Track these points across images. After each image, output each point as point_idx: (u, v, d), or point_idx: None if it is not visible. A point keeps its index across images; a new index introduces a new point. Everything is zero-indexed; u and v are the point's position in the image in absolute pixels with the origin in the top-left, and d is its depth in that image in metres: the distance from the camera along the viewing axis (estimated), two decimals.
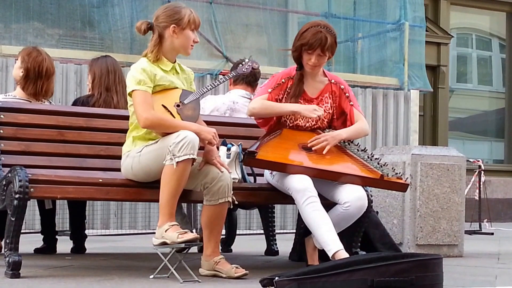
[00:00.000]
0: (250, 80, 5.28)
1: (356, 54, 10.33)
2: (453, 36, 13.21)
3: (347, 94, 4.21)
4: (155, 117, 3.72)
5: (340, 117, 4.22)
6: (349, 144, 4.15)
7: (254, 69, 4.40)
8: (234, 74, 4.46)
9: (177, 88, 3.88)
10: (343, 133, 4.10)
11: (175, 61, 3.95)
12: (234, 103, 5.22)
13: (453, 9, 13.37)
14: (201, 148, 3.78)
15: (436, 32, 12.78)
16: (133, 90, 3.77)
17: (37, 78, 4.77)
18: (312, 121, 4.14)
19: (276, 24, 9.83)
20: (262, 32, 9.62)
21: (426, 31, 11.01)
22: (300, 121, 4.12)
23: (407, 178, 4.28)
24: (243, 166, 4.18)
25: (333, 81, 4.22)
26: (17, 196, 3.56)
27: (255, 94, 4.26)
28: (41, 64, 4.77)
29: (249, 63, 4.26)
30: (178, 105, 3.81)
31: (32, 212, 6.33)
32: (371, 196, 4.31)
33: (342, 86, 4.22)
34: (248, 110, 4.15)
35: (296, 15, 10.28)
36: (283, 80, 4.13)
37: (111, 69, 5.02)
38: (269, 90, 4.10)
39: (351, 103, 4.20)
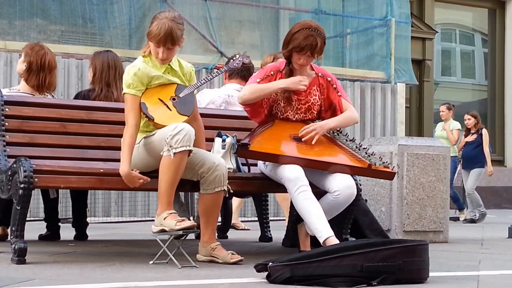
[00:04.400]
0: (244, 74, 5.36)
1: (345, 49, 10.44)
2: (437, 32, 13.35)
3: (334, 86, 4.26)
4: (125, 132, 3.82)
5: (328, 109, 4.27)
6: (338, 134, 4.22)
7: (245, 64, 4.46)
8: (226, 69, 4.56)
9: (173, 82, 3.95)
10: (331, 122, 4.16)
11: (169, 61, 3.95)
12: (229, 96, 5.30)
13: (437, 6, 13.49)
14: (208, 140, 3.84)
15: (421, 27, 12.90)
16: (123, 93, 3.89)
17: (40, 70, 4.83)
18: (302, 113, 4.20)
19: (268, 20, 9.92)
20: (254, 28, 9.70)
21: (412, 26, 11.14)
22: (290, 113, 4.18)
23: (393, 167, 4.36)
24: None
25: (320, 74, 4.28)
26: (22, 185, 3.62)
27: (247, 84, 4.29)
28: (43, 57, 4.84)
29: (239, 58, 4.33)
30: (173, 99, 3.89)
31: (37, 201, 6.36)
32: (360, 184, 4.38)
33: (329, 79, 4.28)
34: (239, 98, 4.18)
35: (287, 12, 10.37)
36: (272, 73, 4.18)
37: (111, 64, 5.05)
38: (258, 80, 4.15)
39: (339, 93, 4.26)
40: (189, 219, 4.17)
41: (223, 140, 4.17)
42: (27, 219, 3.84)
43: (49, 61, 4.87)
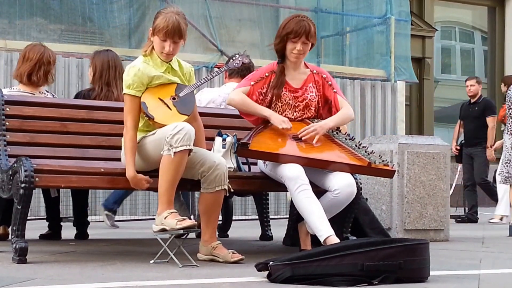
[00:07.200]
0: (244, 73, 5.27)
1: (344, 47, 10.45)
2: (437, 29, 13.34)
3: (329, 83, 4.28)
4: (125, 135, 3.84)
5: (325, 106, 4.28)
6: (337, 133, 4.22)
7: (245, 64, 4.48)
8: (226, 69, 4.58)
9: (173, 82, 3.95)
10: (330, 121, 4.16)
11: (170, 60, 3.96)
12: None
13: (437, 4, 13.49)
14: (208, 139, 3.83)
15: (420, 25, 12.90)
16: (123, 93, 3.89)
17: (37, 64, 4.88)
18: (300, 111, 4.21)
19: (268, 19, 9.92)
20: (254, 27, 9.71)
21: (411, 24, 11.14)
22: (288, 112, 4.19)
23: (393, 165, 4.37)
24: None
25: (315, 71, 4.30)
26: (23, 185, 3.62)
27: (239, 84, 4.32)
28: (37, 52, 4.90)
29: (239, 58, 4.34)
30: (173, 98, 3.90)
31: (38, 200, 6.36)
32: (360, 183, 4.40)
33: (324, 75, 4.30)
34: (228, 99, 4.22)
35: (287, 10, 10.35)
36: (266, 74, 4.20)
37: (112, 64, 5.07)
38: (252, 83, 4.17)
39: (334, 90, 4.27)
40: (190, 218, 4.17)
41: (224, 139, 4.18)
42: (28, 218, 3.83)
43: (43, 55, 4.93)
